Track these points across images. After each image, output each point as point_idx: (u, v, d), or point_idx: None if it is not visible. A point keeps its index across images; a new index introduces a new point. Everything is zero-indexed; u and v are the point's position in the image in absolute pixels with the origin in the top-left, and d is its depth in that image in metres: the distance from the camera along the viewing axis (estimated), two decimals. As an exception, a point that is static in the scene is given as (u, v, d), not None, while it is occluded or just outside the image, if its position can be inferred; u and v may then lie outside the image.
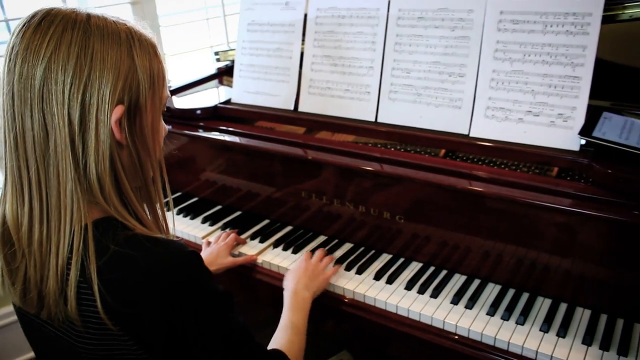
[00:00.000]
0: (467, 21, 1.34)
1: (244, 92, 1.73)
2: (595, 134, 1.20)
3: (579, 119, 1.23)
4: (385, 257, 1.42)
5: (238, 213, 1.68)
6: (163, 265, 0.81)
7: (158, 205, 0.94)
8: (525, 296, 1.25)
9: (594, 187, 1.17)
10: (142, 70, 0.83)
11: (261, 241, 1.53)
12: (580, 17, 1.22)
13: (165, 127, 0.97)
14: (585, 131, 1.21)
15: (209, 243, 1.51)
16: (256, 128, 1.67)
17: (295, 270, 1.32)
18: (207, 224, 1.64)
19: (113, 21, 0.83)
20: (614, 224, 1.11)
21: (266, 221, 1.62)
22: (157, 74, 0.87)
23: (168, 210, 1.00)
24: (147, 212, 0.92)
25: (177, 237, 0.97)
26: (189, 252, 0.85)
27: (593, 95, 1.23)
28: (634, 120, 1.28)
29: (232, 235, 1.52)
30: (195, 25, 2.49)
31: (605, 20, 1.31)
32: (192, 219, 1.67)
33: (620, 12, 1.33)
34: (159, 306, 0.79)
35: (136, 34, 0.84)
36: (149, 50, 0.86)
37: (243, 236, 1.55)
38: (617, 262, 1.14)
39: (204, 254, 1.44)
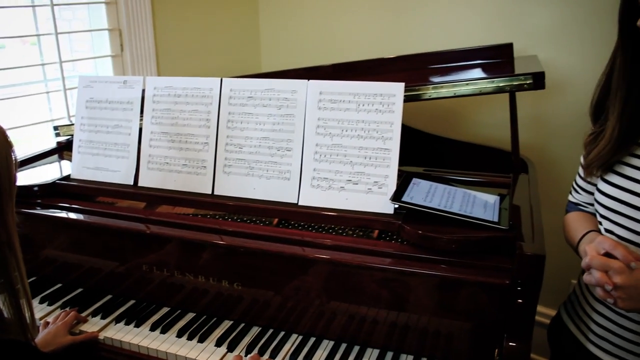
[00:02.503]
0: (291, 100, 1.48)
1: (83, 167, 1.73)
2: (405, 198, 1.37)
3: (392, 185, 1.39)
4: (226, 324, 1.47)
5: (79, 290, 1.65)
6: None
7: None
8: (356, 349, 1.35)
9: (407, 246, 1.33)
10: None
11: (103, 317, 1.51)
12: (386, 98, 1.40)
13: None
14: (396, 196, 1.37)
15: (47, 323, 1.47)
16: (96, 204, 1.67)
17: None
18: (45, 304, 1.59)
19: None
20: (426, 277, 1.25)
21: (109, 296, 1.61)
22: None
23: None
24: None
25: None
26: (4, 342, 0.83)
27: (411, 162, 1.39)
28: (437, 185, 1.46)
29: (72, 313, 1.49)
30: (34, 98, 2.44)
31: (410, 99, 1.52)
32: (28, 300, 1.61)
33: (422, 93, 1.54)
34: None
35: None
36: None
37: (84, 313, 1.53)
38: (433, 310, 1.27)
39: (40, 335, 1.40)
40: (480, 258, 1.25)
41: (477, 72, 1.82)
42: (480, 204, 1.38)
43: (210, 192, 1.56)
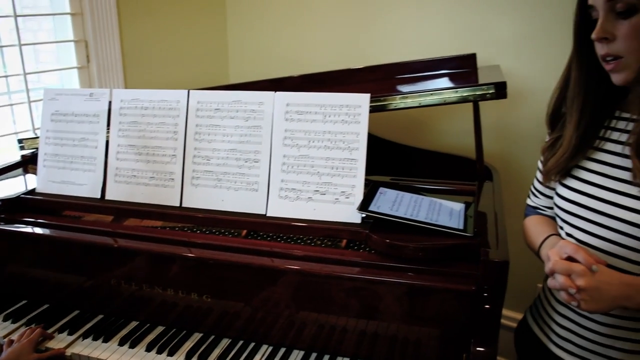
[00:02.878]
0: (258, 112, 1.49)
1: (48, 181, 1.71)
2: (371, 207, 1.38)
3: (359, 195, 1.41)
4: (196, 336, 1.46)
5: (46, 306, 1.63)
6: None
7: None
8: (326, 358, 1.36)
9: (375, 255, 1.34)
10: None
11: (70, 333, 1.49)
12: (352, 109, 1.42)
13: None
14: (363, 206, 1.38)
15: (11, 342, 1.45)
16: (62, 218, 1.66)
17: None
18: (9, 322, 1.56)
19: None
20: (394, 285, 1.26)
21: (76, 312, 1.59)
22: None
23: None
24: None
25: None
26: None
27: (378, 172, 1.41)
28: (404, 194, 1.48)
29: (38, 330, 1.47)
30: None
31: (376, 109, 1.54)
32: (-8, 317, 1.59)
33: (388, 103, 1.56)
34: None
35: None
36: None
37: (51, 330, 1.51)
38: (402, 317, 1.29)
39: (4, 354, 1.38)
40: (447, 265, 1.27)
41: (443, 82, 1.86)
42: (446, 212, 1.40)
43: (178, 205, 1.56)
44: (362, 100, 1.41)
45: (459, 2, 2.18)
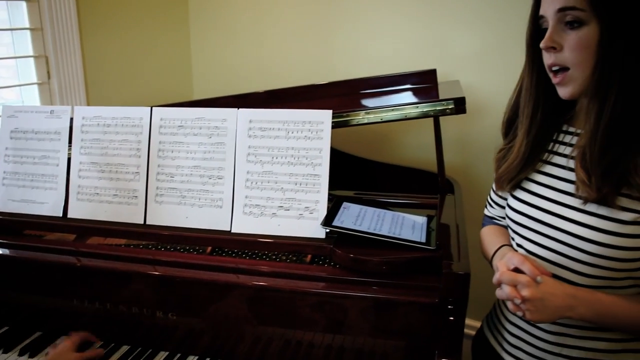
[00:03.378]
0: (221, 129, 1.50)
1: (8, 200, 1.68)
2: (335, 222, 1.40)
3: (322, 210, 1.42)
4: (162, 355, 1.45)
5: (5, 328, 1.59)
6: None
7: None
8: (292, 375, 1.36)
9: (339, 269, 1.36)
10: None
11: (31, 356, 1.47)
12: (315, 125, 1.44)
13: None
14: (327, 221, 1.40)
15: None
16: (23, 237, 1.63)
17: None
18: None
19: None
20: (359, 299, 1.27)
21: (38, 333, 1.56)
22: None
23: None
24: None
25: None
26: None
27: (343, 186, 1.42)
28: (367, 208, 1.50)
29: (82, 333, 1.45)
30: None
31: (338, 125, 1.56)
32: None
33: (350, 119, 1.59)
34: None
35: None
36: None
37: (10, 353, 1.47)
38: (367, 331, 1.30)
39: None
40: (410, 278, 1.29)
41: (405, 97, 1.89)
42: (408, 225, 1.43)
43: (142, 222, 1.55)
44: (324, 117, 1.43)
45: (419, 19, 2.23)
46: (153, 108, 1.57)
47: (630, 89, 1.03)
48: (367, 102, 1.92)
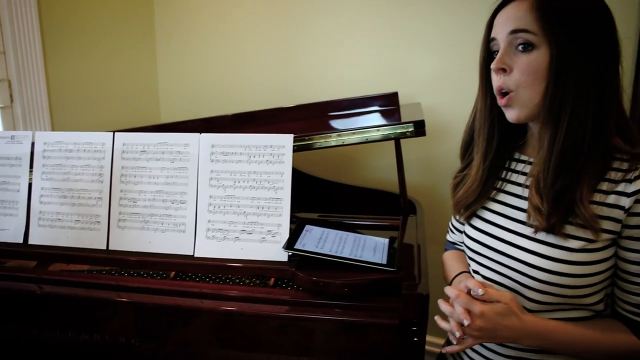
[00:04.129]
0: (184, 154, 1.50)
1: (-32, 227, 1.66)
2: (297, 245, 1.41)
3: (285, 234, 1.44)
4: (124, 383, 1.44)
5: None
6: None
7: None
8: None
9: (302, 292, 1.36)
10: None
11: (-12, 387, 1.45)
12: (276, 149, 1.45)
13: None
14: (289, 244, 1.41)
15: None
16: (-18, 265, 1.61)
17: None
18: None
19: None
20: (321, 322, 1.28)
21: (-3, 363, 1.54)
22: None
23: None
24: None
25: None
26: None
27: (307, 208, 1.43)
28: (330, 231, 1.52)
29: None
30: None
31: (301, 148, 1.58)
32: None
33: (312, 143, 1.61)
34: None
35: None
36: None
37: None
38: (330, 353, 1.30)
39: None
40: (372, 300, 1.30)
41: (368, 120, 1.92)
42: (370, 247, 1.44)
43: (105, 248, 1.54)
44: (285, 141, 1.45)
45: (382, 43, 2.27)
46: (115, 133, 1.57)
47: (581, 116, 1.03)
48: (331, 125, 1.94)
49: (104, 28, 2.49)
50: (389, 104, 1.96)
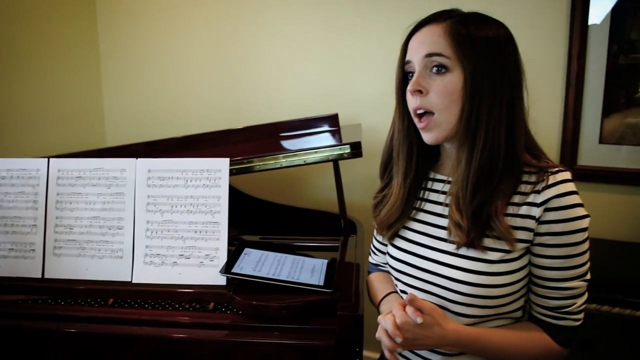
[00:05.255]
0: (120, 179, 1.50)
1: None
2: (235, 269, 1.41)
3: (223, 257, 1.44)
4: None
5: None
6: None
7: None
8: None
9: (241, 316, 1.36)
10: None
11: None
12: (213, 173, 1.46)
13: None
14: (227, 268, 1.41)
15: None
16: None
17: None
18: None
19: None
20: (260, 345, 1.28)
21: None
22: None
23: None
24: None
25: None
26: None
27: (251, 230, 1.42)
28: (268, 253, 1.53)
29: None
30: None
31: (240, 171, 1.59)
32: None
33: (251, 166, 1.62)
34: None
35: None
36: None
37: None
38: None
39: None
40: (310, 321, 1.31)
41: (309, 142, 1.94)
42: (308, 268, 1.46)
43: (40, 276, 1.51)
44: (221, 165, 1.46)
45: (327, 66, 2.32)
46: (50, 159, 1.55)
47: (495, 136, 1.10)
48: (275, 147, 1.96)
49: (47, 50, 2.46)
50: (330, 125, 1.99)
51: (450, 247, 1.18)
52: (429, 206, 1.27)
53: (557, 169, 1.11)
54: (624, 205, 2.09)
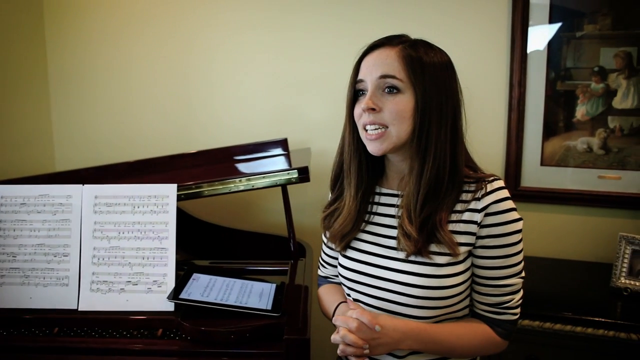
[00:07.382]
0: (66, 205, 1.49)
1: None
2: (183, 294, 1.41)
3: (171, 283, 1.44)
4: None
5: None
6: None
7: None
8: None
9: (188, 342, 1.36)
10: None
11: None
12: (160, 199, 1.47)
13: None
14: (175, 294, 1.41)
15: None
16: None
17: None
18: None
19: None
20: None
21: None
22: None
23: None
24: None
25: None
26: None
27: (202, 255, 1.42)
28: (217, 278, 1.53)
29: None
30: None
31: (189, 197, 1.59)
32: None
33: (200, 191, 1.62)
34: None
35: None
36: None
37: None
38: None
39: None
40: (258, 346, 1.32)
41: (260, 166, 1.96)
42: (257, 293, 1.47)
43: (-19, 306, 1.48)
44: (169, 191, 1.47)
45: (278, 91, 2.35)
46: (-7, 186, 1.53)
47: (442, 152, 1.19)
48: (224, 171, 1.96)
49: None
50: (281, 149, 2.02)
51: (401, 255, 1.24)
52: (377, 218, 1.33)
53: (492, 177, 1.23)
54: (565, 224, 2.18)
